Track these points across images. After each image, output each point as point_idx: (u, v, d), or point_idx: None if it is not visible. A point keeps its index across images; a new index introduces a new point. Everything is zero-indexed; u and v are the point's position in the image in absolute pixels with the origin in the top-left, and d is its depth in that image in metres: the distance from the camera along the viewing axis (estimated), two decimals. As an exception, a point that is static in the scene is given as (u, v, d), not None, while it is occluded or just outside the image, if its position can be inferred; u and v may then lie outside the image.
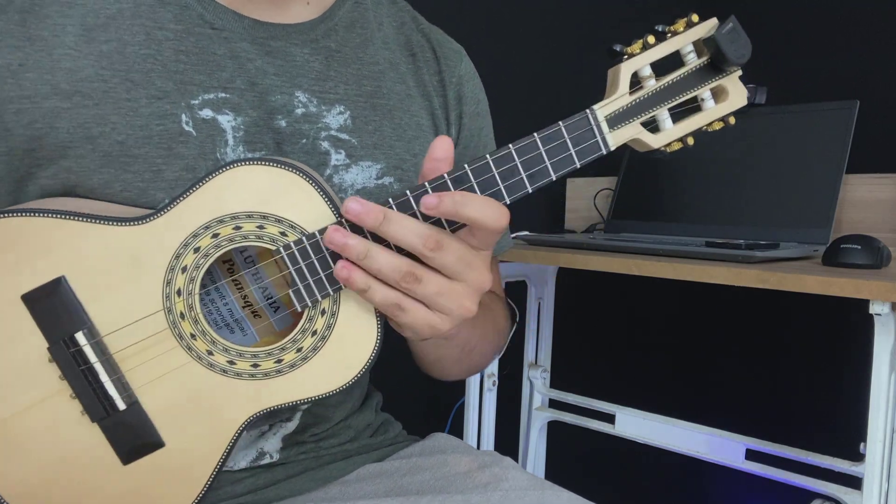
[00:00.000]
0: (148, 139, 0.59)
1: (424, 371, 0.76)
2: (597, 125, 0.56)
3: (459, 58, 0.77)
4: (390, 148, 0.69)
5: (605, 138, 0.56)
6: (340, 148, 0.67)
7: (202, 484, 0.59)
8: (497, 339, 0.77)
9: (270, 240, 0.56)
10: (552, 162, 0.55)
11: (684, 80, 0.57)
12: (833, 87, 1.44)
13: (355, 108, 0.68)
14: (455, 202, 0.51)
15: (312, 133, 0.65)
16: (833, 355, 1.47)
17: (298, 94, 0.65)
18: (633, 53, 0.56)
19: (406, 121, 0.71)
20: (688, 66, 0.57)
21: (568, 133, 0.55)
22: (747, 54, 0.56)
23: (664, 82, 0.57)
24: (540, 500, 0.65)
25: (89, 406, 0.56)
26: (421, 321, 0.54)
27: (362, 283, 0.53)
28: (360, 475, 0.72)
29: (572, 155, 0.55)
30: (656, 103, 0.57)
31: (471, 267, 0.54)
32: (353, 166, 0.67)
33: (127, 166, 0.58)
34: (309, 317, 0.57)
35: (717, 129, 0.60)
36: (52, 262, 0.55)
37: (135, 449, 0.58)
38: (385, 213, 0.52)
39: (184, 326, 0.56)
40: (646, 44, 0.56)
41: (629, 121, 0.57)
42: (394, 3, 0.77)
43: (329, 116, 0.67)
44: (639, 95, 0.57)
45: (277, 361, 0.57)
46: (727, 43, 0.55)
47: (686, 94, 0.58)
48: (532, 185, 0.55)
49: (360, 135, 0.68)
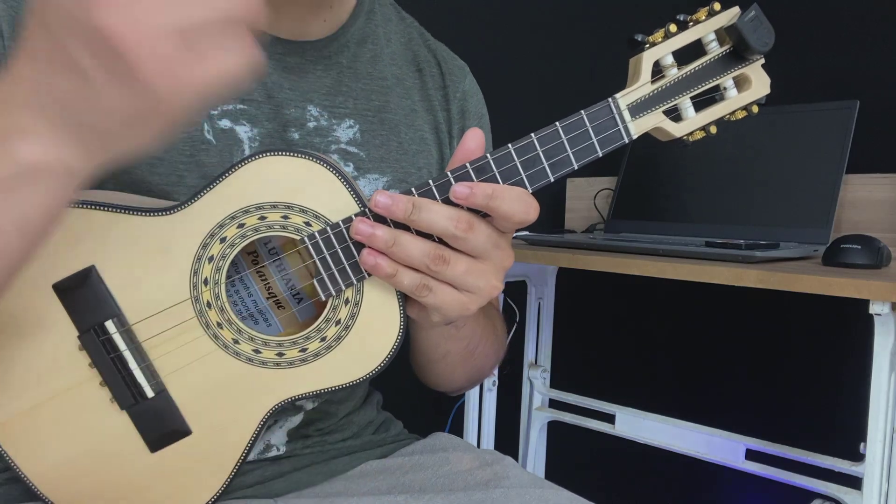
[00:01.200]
0: (173, 144, 0.60)
1: (428, 379, 0.76)
2: (619, 113, 0.56)
3: (464, 74, 0.79)
4: (396, 161, 0.71)
5: (627, 127, 0.56)
6: (349, 161, 0.68)
7: (228, 472, 0.60)
8: (496, 344, 0.77)
9: (295, 230, 0.56)
10: (574, 151, 0.55)
11: (707, 68, 0.57)
12: (833, 87, 1.44)
13: (364, 123, 0.70)
14: (486, 195, 0.52)
15: (323, 146, 0.67)
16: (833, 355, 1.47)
17: (311, 108, 0.67)
18: (655, 42, 0.56)
19: (411, 135, 0.73)
20: (710, 54, 0.57)
21: (590, 121, 0.55)
22: (770, 42, 0.55)
23: (686, 71, 0.57)
24: (541, 497, 0.66)
25: (118, 393, 0.57)
26: (449, 301, 0.55)
27: (390, 269, 0.54)
28: (363, 471, 0.72)
29: (594, 143, 0.55)
30: (678, 92, 0.57)
31: (497, 247, 0.55)
32: (361, 178, 0.69)
33: (153, 168, 0.60)
34: (333, 306, 0.58)
35: (740, 118, 0.59)
36: (81, 252, 0.55)
37: (162, 436, 0.58)
38: (413, 201, 0.52)
39: (210, 315, 0.57)
40: (668, 32, 0.56)
41: (651, 109, 0.56)
42: (402, 19, 0.79)
43: (339, 130, 0.68)
44: (661, 84, 0.56)
45: (302, 350, 0.58)
46: (750, 31, 0.55)
47: (709, 83, 0.57)
48: (554, 174, 0.55)
49: (368, 148, 0.70)
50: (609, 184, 1.62)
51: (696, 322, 1.70)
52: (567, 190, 1.73)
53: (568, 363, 1.67)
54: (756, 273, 0.95)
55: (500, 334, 0.79)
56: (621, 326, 1.81)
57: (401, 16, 0.79)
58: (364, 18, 0.73)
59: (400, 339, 0.58)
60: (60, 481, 0.58)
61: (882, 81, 1.41)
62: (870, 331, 0.95)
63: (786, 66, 1.51)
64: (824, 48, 1.52)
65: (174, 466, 0.59)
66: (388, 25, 0.76)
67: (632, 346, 1.80)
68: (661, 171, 1.51)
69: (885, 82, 1.41)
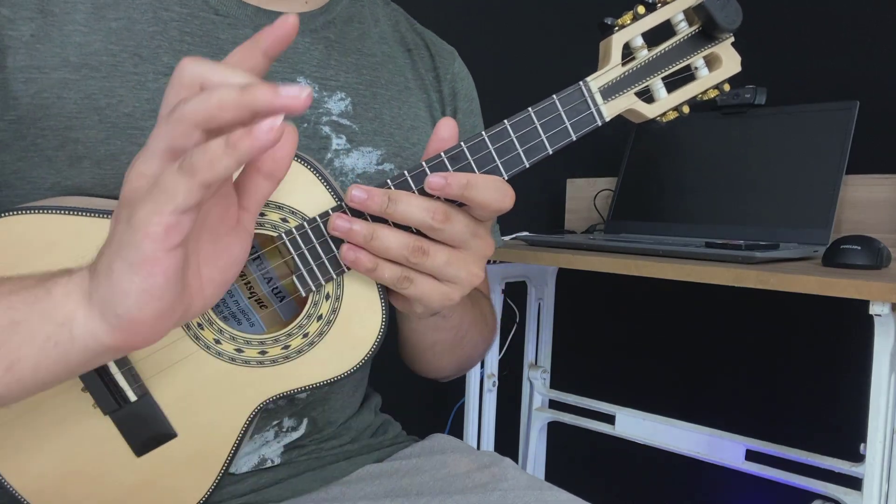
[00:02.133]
0: (154, 112, 0.59)
1: (416, 368, 0.76)
2: (590, 96, 0.56)
3: (453, 57, 0.79)
4: (390, 135, 0.70)
5: (599, 109, 0.56)
6: (341, 133, 0.67)
7: (216, 473, 0.60)
8: (485, 331, 0.77)
9: (271, 226, 0.56)
10: (548, 135, 0.55)
11: (676, 48, 0.57)
12: (833, 87, 1.44)
13: (356, 96, 0.69)
14: (462, 185, 0.51)
15: (314, 118, 0.66)
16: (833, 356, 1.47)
17: (300, 79, 0.66)
18: (624, 25, 0.56)
19: (405, 111, 0.73)
20: (679, 34, 0.57)
21: (562, 106, 0.55)
22: (738, 20, 0.56)
23: (656, 52, 0.57)
24: (539, 499, 0.65)
25: (101, 399, 0.56)
26: (431, 292, 0.55)
27: (370, 263, 0.53)
28: (360, 476, 0.72)
29: (567, 128, 0.55)
30: (649, 73, 0.57)
31: (476, 236, 0.54)
32: (354, 151, 0.68)
33: (133, 139, 0.59)
34: (314, 302, 0.57)
35: (713, 96, 0.60)
36: (57, 258, 0.55)
37: (147, 440, 0.58)
38: (389, 195, 0.52)
39: None
40: (636, 14, 0.56)
41: (623, 91, 0.57)
42: (387, 3, 0.79)
43: (330, 102, 0.67)
44: (631, 66, 0.57)
45: (285, 347, 0.58)
46: (717, 9, 0.55)
47: (679, 63, 0.58)
48: (529, 160, 0.55)
49: (361, 121, 0.69)
50: (609, 184, 1.62)
51: (696, 323, 1.69)
52: (567, 191, 1.73)
53: (568, 364, 1.67)
54: (756, 274, 0.94)
55: (489, 320, 0.78)
56: (621, 327, 1.81)
57: (386, 0, 0.80)
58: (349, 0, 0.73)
59: (383, 332, 0.58)
60: (45, 490, 0.57)
61: (882, 81, 1.41)
62: (870, 331, 0.95)
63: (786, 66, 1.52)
64: (824, 48, 1.52)
65: (160, 470, 0.59)
66: (374, 8, 0.76)
67: (632, 346, 1.80)
68: (661, 171, 1.51)
69: (885, 82, 1.40)
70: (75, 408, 0.57)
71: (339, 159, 0.67)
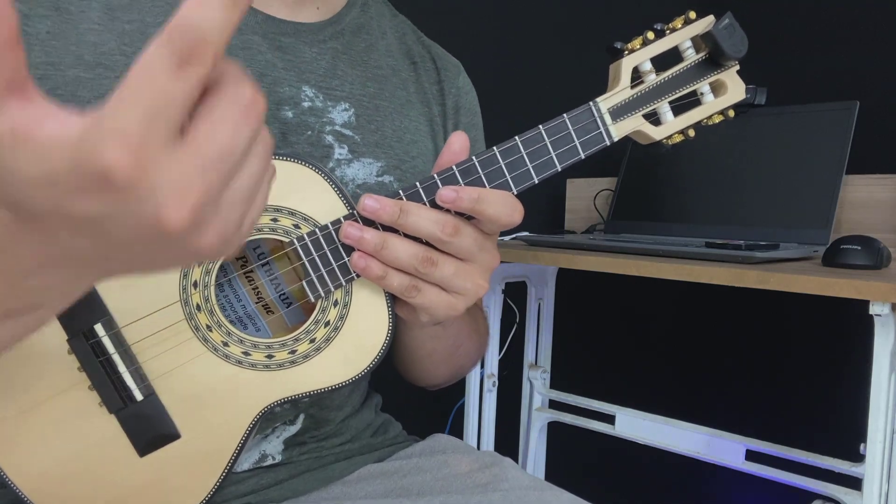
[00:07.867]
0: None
1: (411, 376, 0.77)
2: (600, 117, 0.57)
3: (458, 70, 0.80)
4: (390, 148, 0.71)
5: (608, 129, 0.58)
6: (344, 143, 0.68)
7: (218, 475, 0.60)
8: (478, 341, 0.78)
9: (284, 232, 0.56)
10: (557, 153, 0.57)
11: (684, 74, 0.59)
12: (833, 87, 1.44)
13: (359, 107, 0.70)
14: (472, 199, 0.53)
15: (318, 126, 0.67)
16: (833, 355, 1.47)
17: (305, 88, 0.67)
18: (634, 49, 0.58)
19: (406, 124, 0.73)
20: (687, 61, 0.59)
21: (572, 125, 0.57)
22: (744, 49, 0.58)
23: (664, 76, 0.59)
24: (540, 500, 0.66)
25: (107, 397, 0.57)
26: (437, 302, 0.56)
27: (380, 271, 0.55)
28: (361, 475, 0.72)
29: (577, 146, 0.57)
30: (657, 96, 0.59)
31: (483, 249, 0.56)
32: (355, 161, 0.68)
33: None
34: (322, 308, 0.58)
35: (717, 122, 0.62)
36: None
37: (151, 441, 0.58)
38: (401, 206, 0.53)
39: (200, 318, 0.57)
40: (646, 40, 0.58)
41: (631, 113, 0.58)
42: (395, 16, 0.80)
43: (334, 112, 0.68)
44: (640, 89, 0.58)
45: (291, 352, 0.58)
46: (724, 38, 0.57)
47: (686, 88, 0.59)
48: (538, 176, 0.57)
49: (363, 132, 0.69)
50: (609, 184, 1.62)
51: (696, 323, 1.69)
52: (567, 191, 1.73)
53: (568, 364, 1.67)
54: (756, 274, 0.94)
55: (482, 332, 0.79)
56: (621, 327, 1.81)
57: (393, 13, 0.80)
58: (359, 10, 0.74)
59: (389, 340, 0.59)
60: (48, 488, 0.57)
61: (882, 81, 1.41)
62: (870, 331, 0.95)
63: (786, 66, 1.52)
64: (824, 48, 1.52)
65: (163, 471, 0.59)
66: (382, 20, 0.77)
67: (632, 346, 1.80)
68: (661, 171, 1.51)
69: (885, 82, 1.40)
70: (80, 406, 0.57)
71: (340, 169, 0.67)
